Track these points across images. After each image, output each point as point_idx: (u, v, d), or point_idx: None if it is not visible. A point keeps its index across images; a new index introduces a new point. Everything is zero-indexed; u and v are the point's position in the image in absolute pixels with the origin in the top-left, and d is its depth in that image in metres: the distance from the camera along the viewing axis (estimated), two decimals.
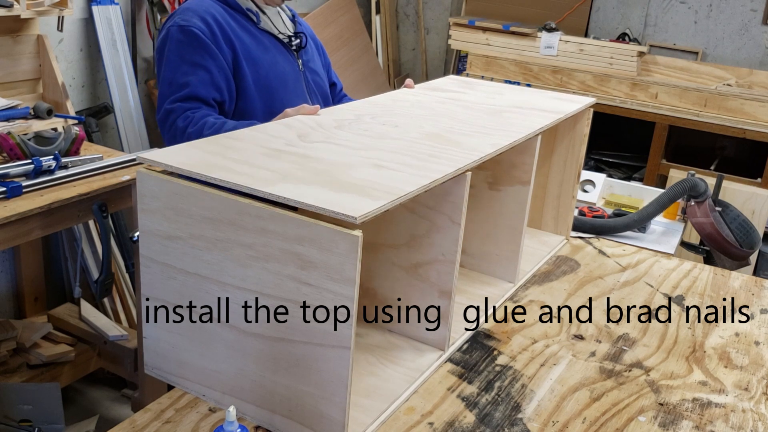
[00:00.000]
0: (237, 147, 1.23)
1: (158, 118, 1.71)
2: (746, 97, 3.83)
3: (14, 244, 2.05)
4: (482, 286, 1.65)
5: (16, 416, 2.28)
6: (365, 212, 0.98)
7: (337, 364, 1.04)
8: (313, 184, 1.08)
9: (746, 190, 3.51)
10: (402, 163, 1.22)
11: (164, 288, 1.18)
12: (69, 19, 2.91)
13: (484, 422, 1.20)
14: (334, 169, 1.15)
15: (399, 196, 1.06)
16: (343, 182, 1.10)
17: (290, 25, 1.95)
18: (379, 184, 1.10)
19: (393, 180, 1.13)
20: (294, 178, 1.10)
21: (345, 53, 4.49)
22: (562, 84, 4.24)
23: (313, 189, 1.06)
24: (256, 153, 1.20)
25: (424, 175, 1.16)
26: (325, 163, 1.18)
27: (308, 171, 1.14)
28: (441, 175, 1.18)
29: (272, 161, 1.17)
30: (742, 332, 1.58)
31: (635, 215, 2.19)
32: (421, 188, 1.12)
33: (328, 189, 1.06)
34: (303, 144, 1.28)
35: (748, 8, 4.36)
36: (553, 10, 4.72)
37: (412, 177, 1.15)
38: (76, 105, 3.00)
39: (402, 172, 1.18)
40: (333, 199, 1.02)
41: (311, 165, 1.17)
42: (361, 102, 1.67)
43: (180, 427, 1.14)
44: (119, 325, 2.80)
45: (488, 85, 2.03)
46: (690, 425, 1.24)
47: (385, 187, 1.09)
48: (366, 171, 1.16)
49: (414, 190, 1.10)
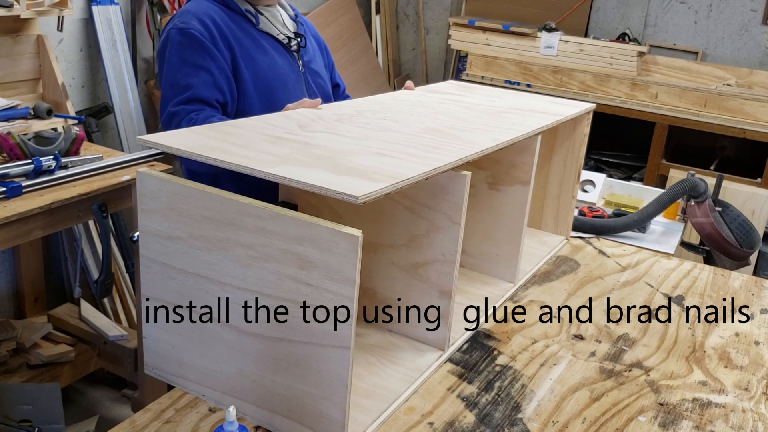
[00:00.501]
0: (238, 134, 1.23)
1: (162, 120, 1.71)
2: (746, 97, 3.83)
3: (14, 244, 2.05)
4: (482, 286, 1.65)
5: (16, 416, 2.28)
6: (367, 192, 0.98)
7: (337, 364, 1.04)
8: (315, 167, 1.08)
9: (746, 190, 3.51)
10: (403, 153, 1.22)
11: (164, 288, 1.18)
12: (69, 19, 2.91)
13: (484, 422, 1.20)
14: (335, 156, 1.15)
15: (401, 180, 1.06)
16: (345, 167, 1.10)
17: (291, 25, 1.94)
18: (381, 169, 1.10)
19: (394, 166, 1.13)
20: (295, 161, 1.10)
21: (345, 53, 4.50)
22: (562, 84, 4.24)
23: (315, 171, 1.06)
24: (257, 139, 1.21)
25: (425, 164, 1.16)
26: (326, 150, 1.18)
27: (309, 156, 1.14)
28: (442, 164, 1.17)
29: (273, 146, 1.17)
30: (742, 332, 1.58)
31: (635, 215, 2.19)
32: (422, 174, 1.11)
33: (329, 172, 1.06)
34: (304, 133, 1.29)
35: (748, 8, 4.36)
36: (553, 10, 4.72)
37: (413, 164, 1.15)
38: (76, 105, 3.00)
39: (403, 160, 1.18)
40: (334, 181, 1.02)
41: (312, 151, 1.17)
42: (361, 100, 1.67)
43: (180, 427, 1.14)
44: (119, 325, 2.80)
45: (488, 89, 2.03)
46: (690, 425, 1.24)
47: (387, 172, 1.09)
48: (367, 158, 1.16)
49: (416, 176, 1.10)
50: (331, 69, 2.10)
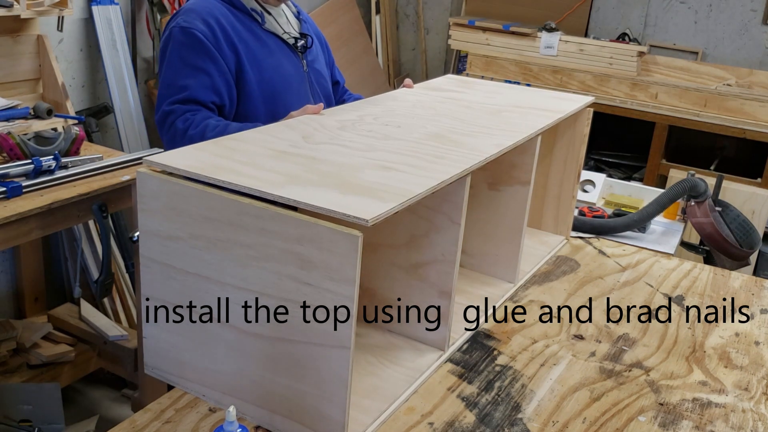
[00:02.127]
0: (242, 149, 1.23)
1: (156, 119, 1.70)
2: (746, 97, 3.82)
3: (14, 244, 2.05)
4: (482, 286, 1.65)
5: (16, 416, 2.28)
6: (376, 215, 0.99)
7: (337, 364, 1.04)
8: (322, 186, 1.08)
9: (746, 190, 3.51)
10: (408, 164, 1.22)
11: (164, 288, 1.18)
12: (69, 19, 2.91)
13: (484, 422, 1.20)
14: (341, 171, 1.16)
15: (408, 198, 1.07)
16: (352, 184, 1.10)
17: (295, 23, 1.93)
18: (387, 186, 1.11)
19: (400, 182, 1.13)
20: (302, 180, 1.10)
21: (345, 53, 4.49)
22: (562, 84, 4.23)
23: (322, 191, 1.06)
24: (262, 155, 1.21)
25: (430, 177, 1.17)
26: (332, 165, 1.18)
27: (315, 173, 1.14)
28: (448, 176, 1.18)
29: (279, 163, 1.17)
30: (742, 332, 1.58)
31: (635, 215, 2.19)
32: (429, 189, 1.13)
33: (336, 191, 1.07)
34: (308, 145, 1.28)
35: (748, 8, 4.36)
36: (553, 10, 4.72)
37: (418, 178, 1.16)
38: (76, 105, 3.00)
39: (408, 173, 1.18)
40: (343, 202, 1.02)
41: (318, 167, 1.17)
42: (361, 102, 1.67)
43: (180, 427, 1.14)
44: (119, 325, 2.79)
45: (486, 84, 2.03)
46: (690, 425, 1.24)
47: (394, 189, 1.09)
48: (373, 173, 1.16)
49: (422, 192, 1.11)
50: (332, 66, 2.09)
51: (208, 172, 1.10)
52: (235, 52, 1.72)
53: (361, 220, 0.97)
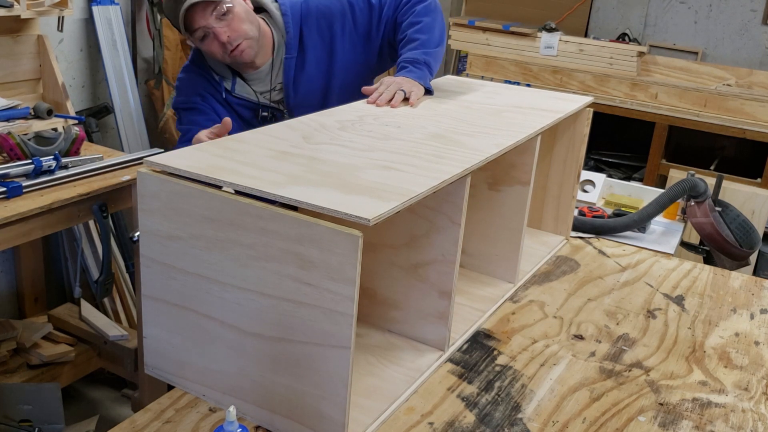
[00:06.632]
0: (243, 150, 1.23)
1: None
2: (746, 97, 3.83)
3: (14, 244, 2.05)
4: (482, 286, 1.65)
5: (16, 416, 2.28)
6: (378, 214, 0.99)
7: (337, 364, 1.04)
8: (323, 186, 1.08)
9: (746, 190, 3.51)
10: (408, 164, 1.22)
11: (164, 288, 1.18)
12: (69, 19, 2.91)
13: (484, 422, 1.20)
14: (342, 172, 1.16)
15: (410, 197, 1.07)
16: (353, 184, 1.10)
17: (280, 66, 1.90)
18: (389, 185, 1.11)
19: (402, 181, 1.13)
20: (303, 180, 1.10)
21: None
22: (562, 84, 4.23)
23: (323, 191, 1.06)
24: (262, 155, 1.21)
25: (431, 176, 1.17)
26: (333, 165, 1.18)
27: (316, 173, 1.14)
28: (449, 175, 1.18)
29: (280, 163, 1.17)
30: (742, 332, 1.58)
31: (635, 215, 2.19)
32: (430, 189, 1.13)
33: (337, 191, 1.07)
34: (308, 146, 1.28)
35: (748, 8, 4.36)
36: (553, 10, 4.72)
37: (419, 178, 1.16)
38: (76, 105, 2.99)
39: (409, 173, 1.18)
40: (344, 202, 1.02)
41: (319, 167, 1.17)
42: (361, 102, 1.67)
43: (180, 427, 1.14)
44: (119, 325, 2.79)
45: (485, 84, 2.03)
46: (690, 425, 1.24)
47: (395, 189, 1.09)
48: (374, 173, 1.16)
49: (423, 191, 1.11)
50: (377, 22, 1.90)
51: (208, 172, 1.10)
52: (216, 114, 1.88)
53: (363, 220, 0.97)
